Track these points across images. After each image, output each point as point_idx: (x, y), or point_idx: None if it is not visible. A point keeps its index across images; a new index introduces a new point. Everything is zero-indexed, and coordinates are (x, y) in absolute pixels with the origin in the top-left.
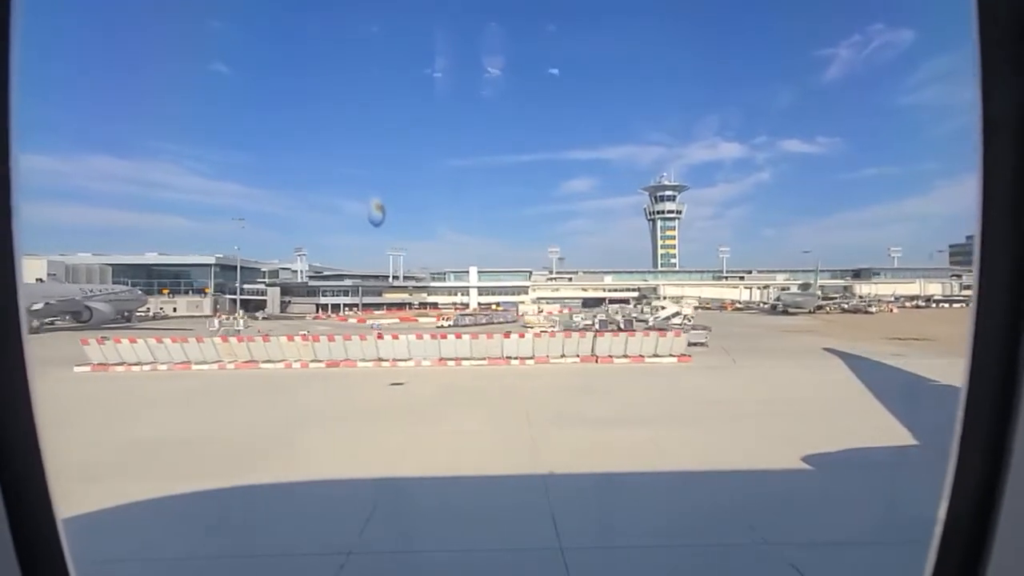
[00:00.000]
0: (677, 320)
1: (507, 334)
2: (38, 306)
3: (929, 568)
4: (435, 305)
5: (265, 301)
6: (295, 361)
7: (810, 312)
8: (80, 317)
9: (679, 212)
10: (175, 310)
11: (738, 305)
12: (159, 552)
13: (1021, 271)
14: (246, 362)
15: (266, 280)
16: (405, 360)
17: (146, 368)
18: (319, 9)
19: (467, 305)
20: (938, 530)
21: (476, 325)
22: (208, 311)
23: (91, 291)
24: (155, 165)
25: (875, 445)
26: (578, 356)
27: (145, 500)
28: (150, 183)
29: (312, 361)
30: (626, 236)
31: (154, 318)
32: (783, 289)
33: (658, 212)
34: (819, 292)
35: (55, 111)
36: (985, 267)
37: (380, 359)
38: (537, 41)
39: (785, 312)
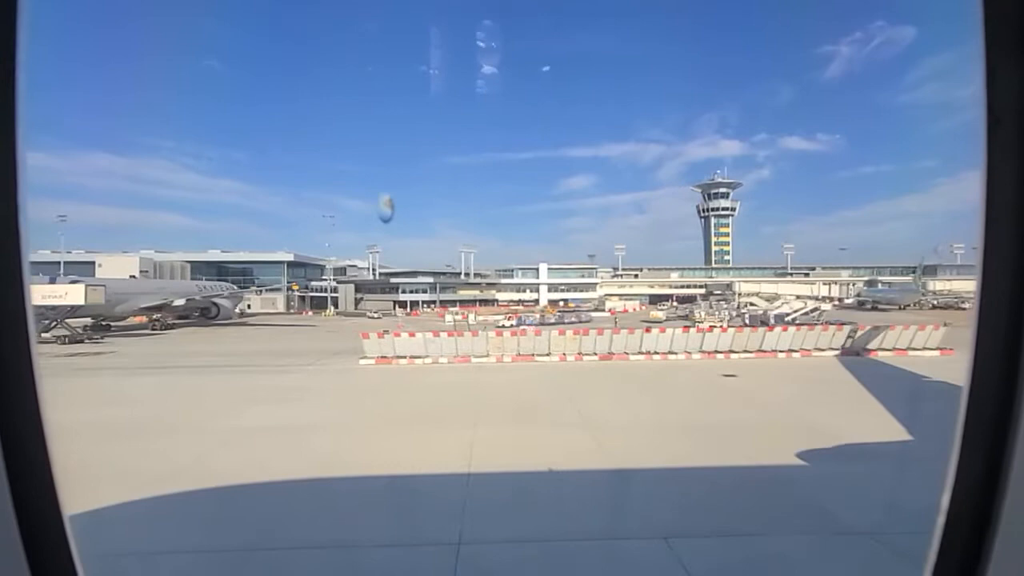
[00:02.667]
0: (815, 315)
1: (771, 327)
2: (180, 302)
3: (931, 562)
4: (496, 302)
5: (333, 298)
6: (570, 355)
7: (900, 308)
8: (208, 313)
9: (733, 209)
10: (248, 307)
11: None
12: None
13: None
14: (519, 356)
15: (333, 277)
16: (673, 353)
17: (427, 361)
18: (316, 6)
19: (536, 302)
20: (940, 522)
21: (544, 325)
22: (282, 308)
23: (203, 287)
24: (151, 162)
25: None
26: (835, 349)
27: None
28: (146, 180)
29: (586, 355)
30: (623, 234)
31: (242, 315)
32: (851, 284)
33: (712, 209)
34: (922, 288)
35: (50, 108)
36: (988, 262)
37: (649, 352)
38: (536, 38)
39: (875, 308)
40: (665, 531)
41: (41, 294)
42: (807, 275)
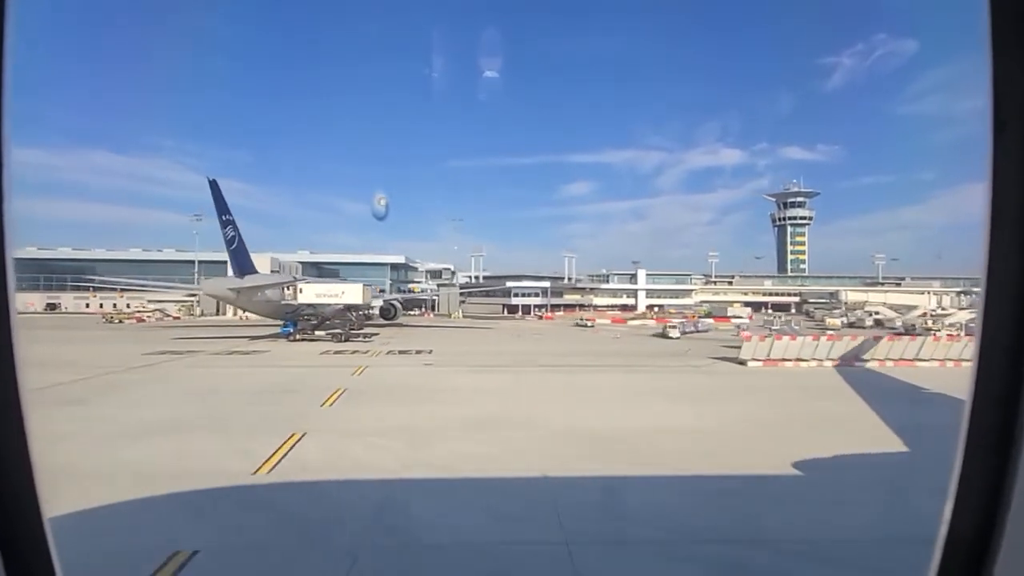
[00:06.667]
0: None
1: None
2: (377, 302)
3: (933, 571)
4: (583, 306)
5: (429, 301)
6: (952, 361)
7: None
8: (387, 314)
9: (809, 218)
10: None
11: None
12: None
13: None
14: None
15: (427, 280)
16: None
17: (812, 364)
18: (320, 8)
19: (627, 307)
20: (943, 531)
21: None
22: None
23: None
24: (153, 161)
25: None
26: None
27: None
28: (147, 179)
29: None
30: (623, 239)
31: None
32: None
33: (789, 218)
34: None
35: (52, 105)
36: (993, 265)
37: None
38: (538, 43)
39: None
40: None
41: (315, 292)
42: (898, 284)
